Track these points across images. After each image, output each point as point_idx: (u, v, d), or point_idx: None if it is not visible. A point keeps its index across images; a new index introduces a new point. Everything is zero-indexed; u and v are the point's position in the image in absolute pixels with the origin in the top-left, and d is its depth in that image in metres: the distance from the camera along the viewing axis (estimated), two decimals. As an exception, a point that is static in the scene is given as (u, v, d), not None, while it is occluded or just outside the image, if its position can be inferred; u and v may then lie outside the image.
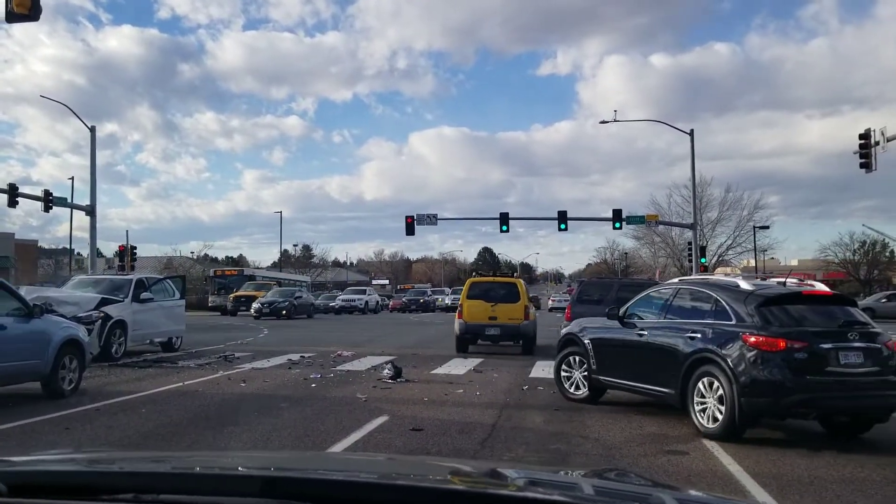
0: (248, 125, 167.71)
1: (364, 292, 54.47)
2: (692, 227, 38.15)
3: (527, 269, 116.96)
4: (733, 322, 8.45)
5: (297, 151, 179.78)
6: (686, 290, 9.71)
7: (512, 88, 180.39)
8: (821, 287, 9.80)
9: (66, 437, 7.93)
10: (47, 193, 32.20)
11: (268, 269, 78.12)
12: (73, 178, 52.13)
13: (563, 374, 10.96)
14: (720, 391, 8.14)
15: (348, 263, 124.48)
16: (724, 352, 8.23)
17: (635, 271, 70.79)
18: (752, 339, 8.03)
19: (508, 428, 8.70)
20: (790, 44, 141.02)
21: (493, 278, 20.28)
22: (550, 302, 65.28)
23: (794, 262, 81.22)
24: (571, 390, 10.82)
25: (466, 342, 18.70)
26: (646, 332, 9.59)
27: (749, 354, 7.99)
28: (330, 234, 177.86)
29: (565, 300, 42.62)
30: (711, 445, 7.74)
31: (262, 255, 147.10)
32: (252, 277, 51.80)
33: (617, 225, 37.31)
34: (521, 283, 19.95)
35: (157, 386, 11.75)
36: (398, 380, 12.48)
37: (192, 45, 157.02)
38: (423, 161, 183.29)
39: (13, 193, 30.80)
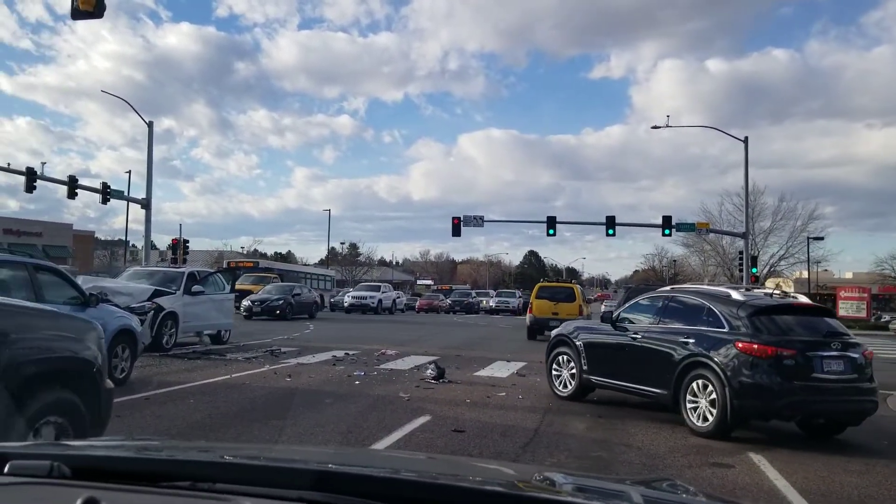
0: (300, 123, 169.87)
1: (378, 289, 46.02)
2: (744, 236, 37.43)
3: (573, 274, 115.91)
4: (726, 329, 9.02)
5: (346, 150, 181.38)
6: (679, 298, 10.27)
7: (563, 91, 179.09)
8: (805, 300, 10.58)
9: (116, 425, 8.11)
10: (105, 186, 33.07)
11: (315, 265, 79.02)
12: (129, 172, 53.18)
13: (553, 372, 11.69)
14: (713, 393, 8.77)
15: (394, 263, 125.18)
16: (717, 357, 8.83)
17: (684, 279, 69.73)
18: (744, 345, 8.65)
19: (551, 433, 8.67)
20: (852, 51, 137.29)
21: (556, 283, 28.46)
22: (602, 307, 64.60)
23: (849, 275, 79.23)
24: (560, 388, 11.48)
25: (535, 331, 24.80)
26: (639, 336, 10.14)
27: (741, 360, 8.61)
28: (377, 234, 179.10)
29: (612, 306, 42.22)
30: (758, 459, 7.59)
31: (311, 252, 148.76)
32: (269, 270, 45.64)
33: (666, 232, 36.82)
34: (577, 287, 26.39)
35: (206, 377, 11.99)
36: (441, 380, 12.52)
37: (248, 43, 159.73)
38: (471, 162, 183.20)
39: (73, 185, 31.73)
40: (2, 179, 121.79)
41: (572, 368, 11.30)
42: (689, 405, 9.06)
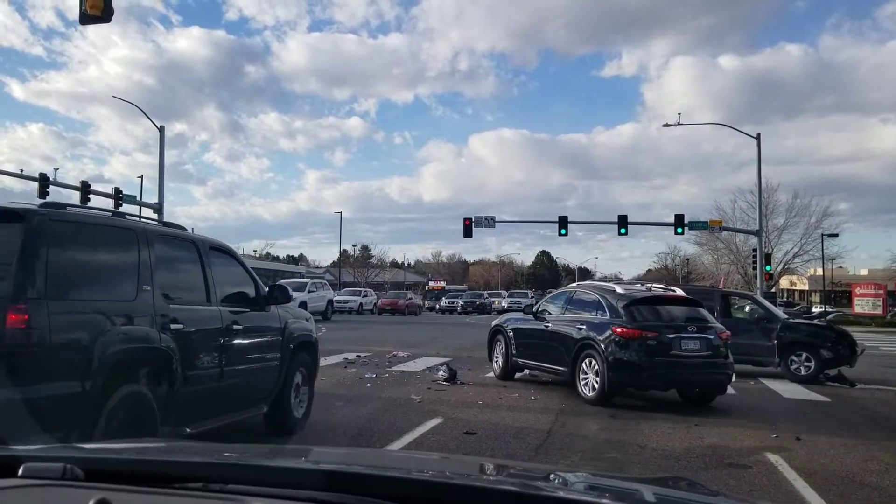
0: (310, 126, 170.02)
1: (303, 289, 36.49)
2: (757, 233, 37.12)
3: (585, 274, 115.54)
4: (609, 317, 11.09)
5: (357, 152, 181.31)
6: (581, 292, 12.57)
7: (574, 90, 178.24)
8: (679, 293, 12.52)
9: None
10: (117, 191, 33.26)
11: (327, 268, 79.10)
12: (142, 177, 53.66)
13: (494, 358, 13.77)
14: (596, 368, 10.79)
15: (406, 264, 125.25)
16: (600, 339, 10.88)
17: (697, 278, 69.29)
18: (619, 329, 10.70)
19: (564, 434, 8.57)
20: (866, 45, 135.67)
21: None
22: None
23: (864, 272, 78.49)
24: (497, 369, 13.60)
25: None
26: (550, 324, 12.27)
27: (616, 341, 10.65)
28: (388, 235, 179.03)
29: None
30: (776, 460, 7.46)
31: (323, 255, 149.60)
32: None
33: (679, 230, 36.57)
34: None
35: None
36: (453, 382, 12.44)
37: (258, 46, 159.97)
38: (482, 163, 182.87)
39: (85, 191, 31.90)
40: (16, 186, 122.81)
41: (504, 354, 13.33)
42: (581, 379, 11.05)
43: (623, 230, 36.65)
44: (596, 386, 10.73)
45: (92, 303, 5.19)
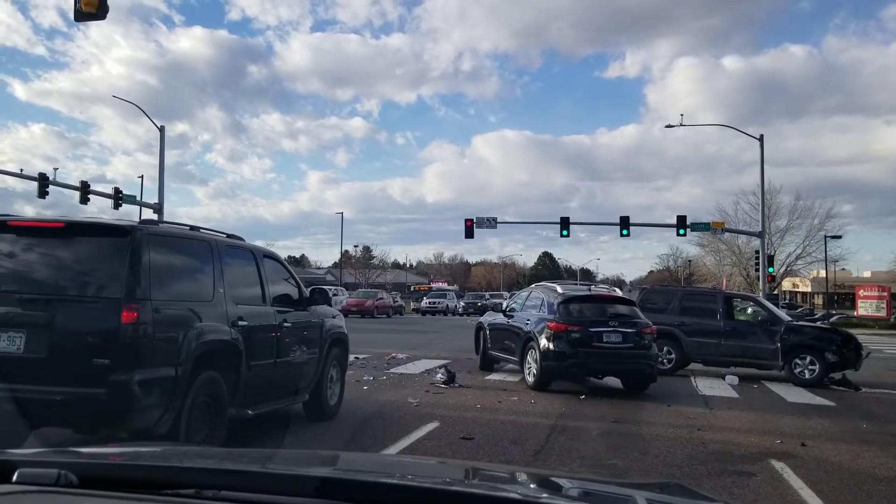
0: (313, 126, 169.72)
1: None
2: (760, 235, 36.90)
3: (587, 275, 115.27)
4: (546, 314, 12.78)
5: (360, 153, 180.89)
6: (534, 292, 14.48)
7: (578, 91, 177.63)
8: (618, 293, 14.69)
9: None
10: (117, 191, 33.14)
11: (328, 269, 78.89)
12: (142, 177, 53.41)
13: (478, 351, 15.46)
14: (536, 358, 12.33)
15: (408, 265, 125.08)
16: (538, 332, 12.53)
17: (699, 279, 69.06)
18: (551, 324, 12.31)
19: (563, 440, 8.37)
20: (871, 46, 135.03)
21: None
22: None
23: (867, 274, 78.20)
24: (479, 360, 15.30)
25: None
26: (511, 320, 14.03)
27: (548, 334, 12.24)
28: (390, 236, 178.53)
29: None
30: (781, 467, 7.25)
31: (325, 256, 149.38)
32: None
33: (681, 232, 36.32)
34: None
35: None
36: (451, 385, 12.25)
37: (260, 46, 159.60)
38: (485, 164, 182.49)
39: (85, 191, 31.79)
40: (19, 186, 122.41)
41: (482, 346, 15.23)
42: (526, 368, 12.74)
43: (625, 231, 36.44)
44: (535, 374, 12.34)
45: (181, 303, 6.16)
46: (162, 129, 35.42)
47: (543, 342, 12.21)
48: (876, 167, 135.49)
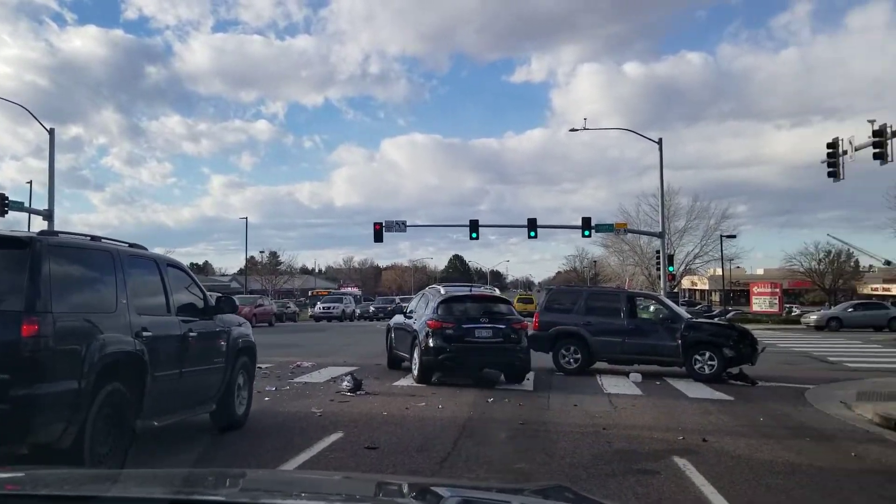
0: (215, 129, 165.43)
1: None
2: (660, 235, 38.00)
3: (497, 277, 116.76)
4: (429, 313, 13.90)
5: (266, 157, 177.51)
6: (425, 294, 15.77)
7: (485, 95, 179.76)
8: (496, 292, 16.12)
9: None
10: (2, 197, 31.13)
11: (233, 276, 76.82)
12: (31, 182, 50.66)
13: (388, 352, 16.43)
14: (418, 353, 13.46)
15: (317, 271, 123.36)
16: (420, 331, 13.68)
17: (604, 279, 70.74)
18: (430, 322, 13.48)
19: (471, 445, 8.21)
20: (762, 53, 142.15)
21: (526, 293, 43.08)
22: None
23: (760, 271, 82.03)
24: (387, 360, 16.35)
25: None
26: (408, 321, 15.00)
27: (426, 331, 13.39)
28: (299, 241, 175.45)
29: None
30: (683, 464, 7.31)
31: (230, 262, 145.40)
32: None
33: (586, 233, 37.08)
34: (534, 295, 36.60)
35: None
36: (357, 392, 11.93)
37: (158, 46, 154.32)
38: (395, 168, 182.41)
39: (-36, 197, 29.74)
40: None
41: (389, 346, 16.40)
42: (413, 364, 13.78)
43: (533, 233, 36.90)
44: (418, 368, 13.55)
45: (83, 315, 6.06)
46: (51, 132, 33.58)
47: (423, 339, 13.37)
48: (767, 170, 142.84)
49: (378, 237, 37.43)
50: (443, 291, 14.83)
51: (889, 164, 19.03)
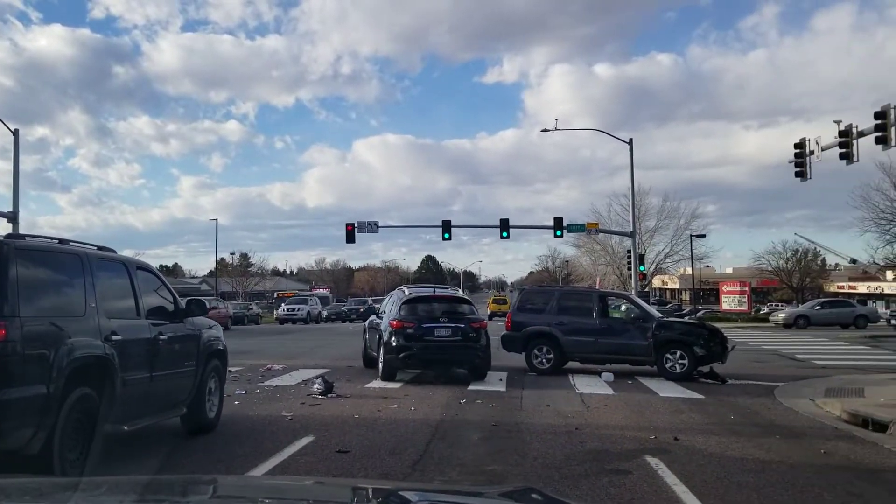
0: (185, 130, 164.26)
1: None
2: (631, 235, 38.25)
3: (470, 278, 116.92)
4: (394, 314, 14.40)
5: (236, 157, 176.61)
6: (394, 296, 16.20)
7: (458, 96, 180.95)
8: (459, 293, 16.92)
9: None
10: (-37, 199, 30.46)
11: (203, 278, 75.97)
12: (-5, 184, 49.59)
13: (363, 352, 16.95)
14: (383, 352, 14.06)
15: (288, 272, 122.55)
16: (384, 330, 14.30)
17: (576, 279, 71.18)
18: (392, 322, 14.09)
19: (443, 447, 8.15)
20: (730, 55, 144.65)
21: (500, 294, 54.14)
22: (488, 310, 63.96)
23: (729, 270, 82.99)
24: (362, 359, 16.84)
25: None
26: (379, 321, 15.46)
27: (389, 331, 14.01)
28: (270, 243, 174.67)
29: None
30: (655, 463, 7.33)
31: (200, 264, 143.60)
32: None
33: (558, 233, 37.26)
34: (508, 296, 38.33)
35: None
36: (329, 395, 11.82)
37: (126, 46, 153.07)
38: (367, 168, 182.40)
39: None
40: None
41: (363, 345, 17.03)
42: (380, 361, 14.37)
43: (505, 234, 36.94)
44: (382, 366, 14.13)
45: (52, 319, 6.00)
46: (16, 133, 32.83)
47: (386, 338, 13.98)
48: (736, 170, 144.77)
49: (350, 238, 37.28)
50: (407, 292, 15.48)
51: (855, 164, 19.29)
